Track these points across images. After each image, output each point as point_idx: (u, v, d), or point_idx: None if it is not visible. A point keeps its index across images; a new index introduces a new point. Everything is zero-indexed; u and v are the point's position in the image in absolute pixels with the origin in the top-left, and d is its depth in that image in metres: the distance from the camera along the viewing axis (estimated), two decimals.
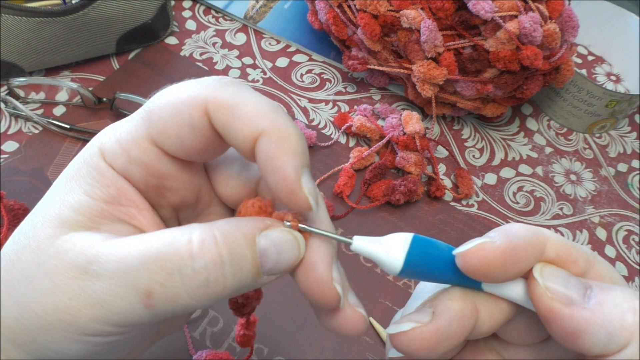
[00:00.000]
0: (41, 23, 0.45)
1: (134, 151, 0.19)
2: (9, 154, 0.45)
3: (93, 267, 0.17)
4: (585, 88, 0.53)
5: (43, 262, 0.18)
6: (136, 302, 0.17)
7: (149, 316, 0.18)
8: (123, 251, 0.18)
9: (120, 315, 0.17)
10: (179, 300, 0.17)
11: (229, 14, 0.59)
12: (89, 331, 0.18)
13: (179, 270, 0.17)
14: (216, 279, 0.17)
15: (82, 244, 0.18)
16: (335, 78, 0.56)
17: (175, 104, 0.19)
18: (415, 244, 0.20)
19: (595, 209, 0.50)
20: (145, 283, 0.17)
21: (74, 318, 0.17)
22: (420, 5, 0.45)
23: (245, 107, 0.18)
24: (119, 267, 0.17)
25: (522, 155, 0.53)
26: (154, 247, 0.17)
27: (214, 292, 0.18)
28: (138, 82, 0.52)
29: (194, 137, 0.19)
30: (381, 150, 0.50)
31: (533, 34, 0.44)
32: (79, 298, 0.17)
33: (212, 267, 0.17)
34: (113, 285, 0.17)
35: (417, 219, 0.46)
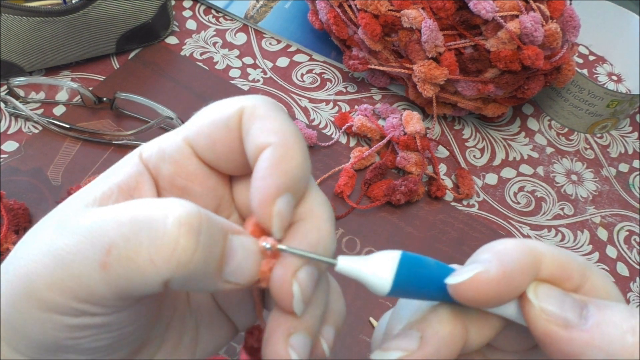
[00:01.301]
0: (41, 23, 0.45)
1: (168, 149, 0.20)
2: (9, 154, 0.45)
3: (66, 223, 0.17)
4: (587, 88, 0.53)
5: (39, 232, 0.18)
6: (93, 259, 0.16)
7: (104, 282, 0.16)
8: (103, 210, 0.17)
9: (75, 278, 0.16)
10: (136, 258, 0.16)
11: (229, 14, 0.59)
12: (47, 304, 0.16)
13: (150, 225, 0.16)
14: (186, 245, 0.16)
15: (73, 207, 0.18)
16: (335, 78, 0.56)
17: (216, 108, 0.20)
18: (403, 263, 0.19)
19: (597, 209, 0.50)
20: (109, 237, 0.16)
21: (32, 282, 0.16)
22: (421, 5, 0.45)
23: (270, 122, 0.19)
24: (91, 224, 0.16)
25: (523, 156, 0.53)
26: (134, 205, 0.17)
27: (178, 260, 0.16)
28: (138, 82, 0.52)
29: (226, 139, 0.19)
30: (382, 150, 0.49)
31: (534, 34, 0.44)
32: (41, 258, 0.16)
33: (186, 229, 0.16)
34: (77, 242, 0.16)
35: (417, 219, 0.46)
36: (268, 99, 0.20)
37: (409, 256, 0.19)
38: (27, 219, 0.41)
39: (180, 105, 0.50)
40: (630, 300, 0.45)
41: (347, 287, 0.41)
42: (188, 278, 0.16)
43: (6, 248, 0.39)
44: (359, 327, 0.39)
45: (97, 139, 0.47)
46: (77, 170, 0.45)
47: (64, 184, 0.44)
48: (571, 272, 0.19)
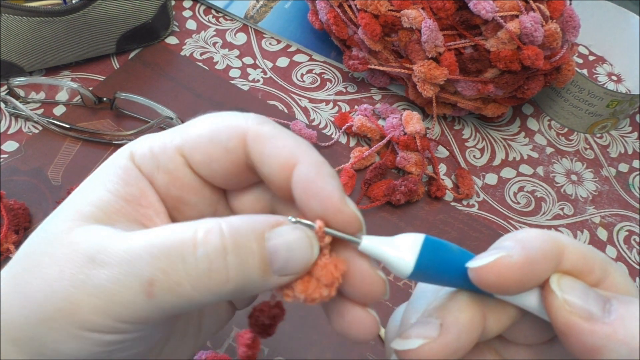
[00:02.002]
0: (41, 23, 0.45)
1: (162, 157, 0.20)
2: (9, 154, 0.45)
3: (100, 256, 0.17)
4: (586, 88, 0.53)
5: (55, 251, 0.18)
6: (138, 290, 0.17)
7: (150, 307, 0.17)
8: (132, 241, 0.17)
9: (121, 305, 0.17)
10: (180, 290, 0.17)
11: (229, 14, 0.59)
12: (89, 325, 0.17)
13: (182, 258, 0.17)
14: (218, 269, 0.17)
15: (95, 235, 0.18)
16: (335, 78, 0.56)
17: (217, 126, 0.20)
18: (426, 246, 0.19)
19: (596, 209, 0.50)
20: (148, 271, 0.17)
21: (74, 307, 0.17)
22: (421, 5, 0.45)
23: (282, 140, 0.19)
24: (125, 256, 0.17)
25: (522, 156, 0.53)
26: (161, 236, 0.17)
27: (216, 283, 0.17)
28: (138, 82, 0.52)
29: (224, 160, 0.20)
30: (382, 150, 0.49)
31: (534, 34, 0.44)
32: (82, 286, 0.17)
33: (214, 256, 0.17)
34: (117, 273, 0.17)
35: (417, 219, 0.46)
36: (264, 118, 0.20)
37: (432, 240, 0.19)
38: (27, 219, 0.41)
39: (180, 105, 0.50)
40: None
41: None
42: (234, 292, 0.17)
43: (6, 248, 0.39)
44: None
45: (97, 139, 0.47)
46: (77, 170, 0.45)
47: (64, 184, 0.44)
48: (593, 266, 0.19)
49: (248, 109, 0.51)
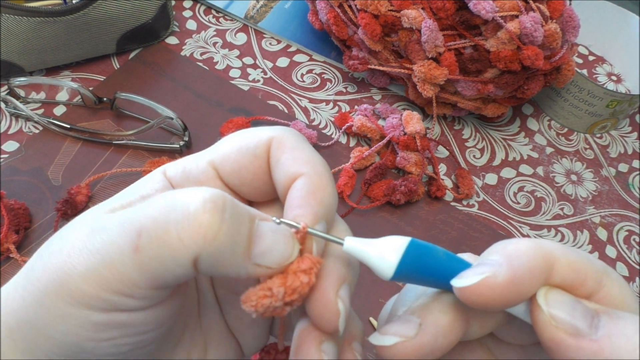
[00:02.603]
0: (41, 23, 0.45)
1: (194, 170, 0.21)
2: (9, 154, 0.45)
3: (100, 223, 0.17)
4: (586, 88, 0.53)
5: (70, 232, 0.18)
6: (126, 245, 0.16)
7: (135, 266, 0.16)
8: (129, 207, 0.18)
9: (108, 264, 0.16)
10: (165, 238, 0.16)
11: (229, 14, 0.59)
12: (77, 295, 0.17)
13: (174, 207, 0.17)
14: (211, 222, 0.16)
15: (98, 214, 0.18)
16: (335, 78, 0.56)
17: (244, 137, 0.21)
18: (411, 249, 0.18)
19: (596, 209, 0.50)
20: (139, 221, 0.17)
21: (66, 275, 0.17)
22: (421, 5, 0.45)
23: (300, 152, 0.20)
24: (120, 217, 0.17)
25: (522, 156, 0.53)
26: (162, 194, 0.18)
27: (205, 235, 0.16)
28: (138, 82, 0.52)
29: (252, 166, 0.20)
30: (382, 150, 0.49)
31: (534, 34, 0.44)
32: (76, 254, 0.17)
33: (210, 208, 0.16)
34: (110, 234, 0.17)
35: (417, 219, 0.46)
36: (293, 130, 0.21)
37: (418, 244, 0.19)
38: (28, 219, 0.41)
39: (180, 105, 0.50)
40: None
41: None
42: (216, 257, 0.17)
43: (6, 248, 0.39)
44: None
45: (97, 139, 0.47)
46: (77, 170, 0.45)
47: (64, 184, 0.44)
48: (585, 278, 0.18)
49: (248, 109, 0.51)
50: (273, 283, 0.18)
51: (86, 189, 0.43)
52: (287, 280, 0.18)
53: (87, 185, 0.43)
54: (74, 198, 0.42)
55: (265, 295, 0.17)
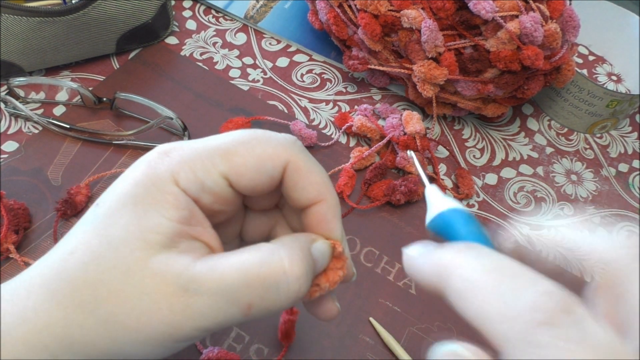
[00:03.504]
0: (41, 23, 0.45)
1: (208, 182, 0.22)
2: (9, 154, 0.45)
3: (194, 286, 0.20)
4: (586, 88, 0.53)
5: (138, 282, 0.20)
6: (237, 313, 0.21)
7: (243, 320, 0.21)
8: (220, 272, 0.21)
9: (218, 324, 0.21)
10: (273, 308, 0.21)
11: (229, 14, 0.59)
12: (186, 338, 0.21)
13: (277, 285, 0.21)
14: (301, 288, 0.21)
15: (176, 265, 0.21)
16: (335, 78, 0.56)
17: (262, 156, 0.23)
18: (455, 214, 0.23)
19: (596, 209, 0.50)
20: (247, 297, 0.20)
21: (178, 330, 0.20)
22: (421, 5, 0.45)
23: (314, 176, 0.24)
24: (220, 286, 0.20)
25: (522, 156, 0.53)
26: (251, 267, 0.21)
27: (299, 297, 0.22)
28: (138, 82, 0.52)
29: (266, 184, 0.23)
30: (382, 150, 0.49)
31: (534, 34, 0.44)
32: (183, 313, 0.20)
33: (303, 280, 0.21)
34: (215, 301, 0.20)
35: (417, 219, 0.46)
36: (303, 148, 0.24)
37: (462, 213, 0.24)
38: (27, 219, 0.41)
39: (180, 105, 0.50)
40: None
41: (347, 287, 0.41)
42: None
43: (6, 248, 0.39)
44: (359, 327, 0.39)
45: (97, 139, 0.47)
46: (77, 170, 0.45)
47: (64, 184, 0.44)
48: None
49: (248, 109, 0.51)
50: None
51: (86, 189, 0.43)
52: (329, 276, 0.24)
53: (86, 186, 0.43)
54: (74, 198, 0.42)
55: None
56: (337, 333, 0.39)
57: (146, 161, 0.22)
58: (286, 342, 0.37)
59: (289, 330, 0.36)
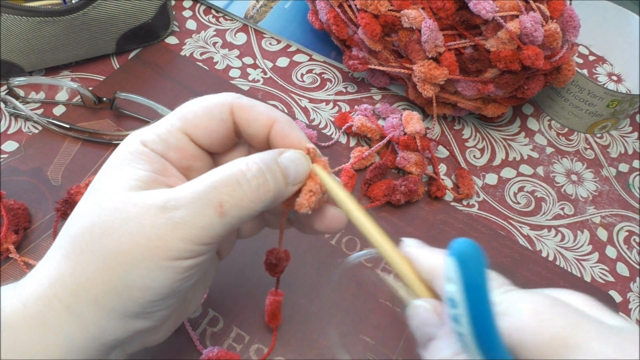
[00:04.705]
0: (41, 23, 0.45)
1: (171, 140, 0.26)
2: (9, 154, 0.45)
3: (171, 203, 0.23)
4: (587, 88, 0.53)
5: (124, 213, 0.22)
6: (212, 213, 0.23)
7: (223, 224, 0.23)
8: (191, 186, 0.23)
9: (201, 228, 0.23)
10: (242, 203, 0.23)
11: (229, 14, 0.59)
12: (177, 252, 0.22)
13: (238, 182, 0.23)
14: (263, 183, 0.24)
15: (154, 194, 0.23)
16: (335, 78, 0.56)
17: (209, 105, 0.26)
18: None
19: (597, 209, 0.50)
20: (216, 197, 0.23)
21: (164, 242, 0.22)
22: (421, 5, 0.45)
23: (259, 107, 0.27)
24: (193, 195, 0.23)
25: (523, 156, 0.53)
26: (215, 175, 0.24)
27: (264, 192, 0.24)
28: (138, 82, 0.52)
29: (221, 129, 0.26)
30: (382, 150, 0.49)
31: (534, 34, 0.44)
32: (165, 226, 0.22)
33: (259, 175, 0.24)
34: (191, 208, 0.23)
35: (417, 219, 0.46)
36: (236, 94, 0.27)
37: None
38: (27, 219, 0.41)
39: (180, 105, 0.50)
40: (630, 300, 0.45)
41: (347, 287, 0.41)
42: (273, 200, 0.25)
43: (6, 248, 0.39)
44: (359, 327, 0.39)
45: (97, 139, 0.47)
46: (77, 170, 0.45)
47: (64, 184, 0.44)
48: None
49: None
50: (309, 187, 0.26)
51: (86, 189, 0.43)
52: (317, 179, 0.26)
53: (86, 185, 0.43)
54: (74, 198, 0.42)
55: (311, 195, 0.26)
56: (337, 332, 0.39)
57: (122, 141, 0.26)
58: (273, 324, 0.37)
59: (275, 312, 0.37)
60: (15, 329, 0.22)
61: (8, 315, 0.22)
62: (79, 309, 0.22)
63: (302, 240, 0.43)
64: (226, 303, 0.39)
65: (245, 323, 0.39)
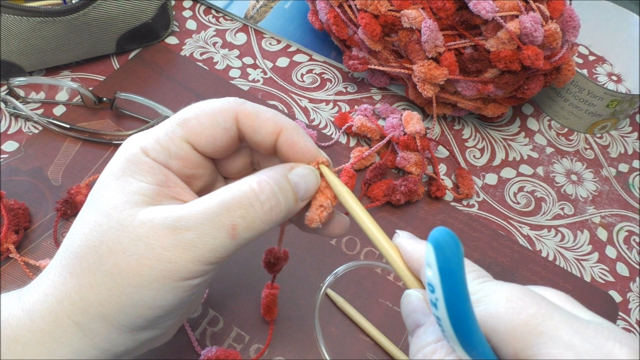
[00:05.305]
0: (41, 23, 0.45)
1: (173, 148, 0.25)
2: (9, 154, 0.45)
3: (181, 223, 0.22)
4: (586, 88, 0.53)
5: (131, 233, 0.22)
6: (224, 236, 0.23)
7: (234, 245, 0.23)
8: (202, 204, 0.23)
9: (212, 250, 0.22)
10: (255, 225, 0.23)
11: (229, 14, 0.59)
12: (186, 273, 0.22)
13: (251, 205, 0.23)
14: (275, 204, 0.24)
15: (162, 211, 0.23)
16: (335, 78, 0.56)
17: (212, 112, 0.25)
18: None
19: (596, 209, 0.50)
20: (229, 220, 0.23)
21: (174, 264, 0.22)
22: (421, 5, 0.45)
23: (265, 114, 0.26)
24: (204, 216, 0.22)
25: (522, 156, 0.53)
26: (226, 195, 0.23)
27: (276, 213, 0.24)
28: (138, 82, 0.52)
29: (224, 138, 0.26)
30: (382, 150, 0.49)
31: (534, 34, 0.44)
32: (175, 248, 0.22)
33: (271, 197, 0.24)
34: (203, 230, 0.22)
35: (417, 219, 0.46)
36: (244, 100, 0.26)
37: None
38: (27, 219, 0.41)
39: (180, 105, 0.50)
40: (630, 300, 0.45)
41: (347, 287, 0.41)
42: (284, 218, 0.25)
43: (6, 248, 0.39)
44: (359, 327, 0.39)
45: (97, 139, 0.47)
46: (77, 170, 0.45)
47: (64, 184, 0.44)
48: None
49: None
50: (320, 201, 0.26)
51: (86, 189, 0.43)
52: (327, 193, 0.26)
53: (86, 185, 0.43)
54: (74, 198, 0.42)
55: (323, 211, 0.26)
56: (337, 333, 0.39)
57: (121, 147, 0.26)
58: (269, 317, 0.38)
59: (270, 305, 0.37)
60: (24, 344, 0.22)
61: (15, 329, 0.22)
62: (88, 325, 0.22)
63: (302, 239, 0.43)
64: (226, 303, 0.39)
65: (245, 323, 0.39)
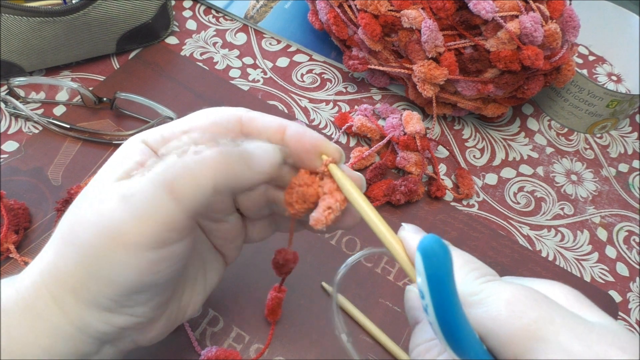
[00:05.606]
0: (41, 23, 0.45)
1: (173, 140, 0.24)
2: (9, 154, 0.45)
3: (130, 190, 0.22)
4: (586, 88, 0.53)
5: (91, 205, 0.23)
6: (164, 195, 0.21)
7: (179, 207, 0.21)
8: (150, 172, 0.22)
9: (154, 215, 0.21)
10: (193, 183, 0.22)
11: (229, 14, 0.59)
12: (135, 243, 0.21)
13: (191, 169, 0.22)
14: (220, 161, 0.23)
15: (124, 182, 0.22)
16: (335, 78, 0.56)
17: (216, 114, 0.26)
18: None
19: (596, 209, 0.50)
20: (165, 178, 0.21)
21: (123, 233, 0.21)
22: (421, 5, 0.45)
23: (268, 116, 0.26)
24: (147, 179, 0.22)
25: (522, 156, 0.53)
26: (170, 160, 0.22)
27: (215, 175, 0.22)
28: (138, 82, 0.52)
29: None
30: (382, 150, 0.49)
31: (534, 34, 0.44)
32: (122, 215, 0.21)
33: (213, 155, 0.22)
34: (146, 194, 0.21)
35: (417, 219, 0.46)
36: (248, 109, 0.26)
37: None
38: (27, 219, 0.41)
39: (180, 105, 0.50)
40: (630, 300, 0.45)
41: (348, 287, 0.41)
42: (226, 179, 0.23)
43: (6, 248, 0.39)
44: (359, 327, 0.39)
45: (97, 139, 0.47)
46: (77, 170, 0.45)
47: (64, 184, 0.44)
48: None
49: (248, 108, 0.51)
50: (329, 203, 0.25)
51: None
52: (336, 196, 0.25)
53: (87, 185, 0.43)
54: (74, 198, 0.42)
55: (330, 213, 0.25)
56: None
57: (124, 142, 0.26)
58: (272, 318, 0.38)
59: (275, 307, 0.37)
60: (10, 315, 0.22)
61: (4, 302, 0.23)
62: (61, 298, 0.22)
63: (302, 240, 0.43)
64: (226, 303, 0.39)
65: (246, 323, 0.39)
